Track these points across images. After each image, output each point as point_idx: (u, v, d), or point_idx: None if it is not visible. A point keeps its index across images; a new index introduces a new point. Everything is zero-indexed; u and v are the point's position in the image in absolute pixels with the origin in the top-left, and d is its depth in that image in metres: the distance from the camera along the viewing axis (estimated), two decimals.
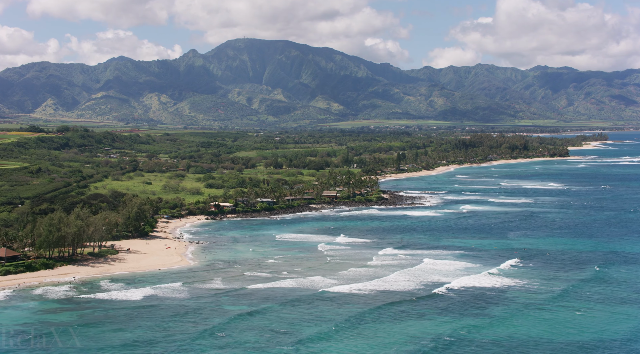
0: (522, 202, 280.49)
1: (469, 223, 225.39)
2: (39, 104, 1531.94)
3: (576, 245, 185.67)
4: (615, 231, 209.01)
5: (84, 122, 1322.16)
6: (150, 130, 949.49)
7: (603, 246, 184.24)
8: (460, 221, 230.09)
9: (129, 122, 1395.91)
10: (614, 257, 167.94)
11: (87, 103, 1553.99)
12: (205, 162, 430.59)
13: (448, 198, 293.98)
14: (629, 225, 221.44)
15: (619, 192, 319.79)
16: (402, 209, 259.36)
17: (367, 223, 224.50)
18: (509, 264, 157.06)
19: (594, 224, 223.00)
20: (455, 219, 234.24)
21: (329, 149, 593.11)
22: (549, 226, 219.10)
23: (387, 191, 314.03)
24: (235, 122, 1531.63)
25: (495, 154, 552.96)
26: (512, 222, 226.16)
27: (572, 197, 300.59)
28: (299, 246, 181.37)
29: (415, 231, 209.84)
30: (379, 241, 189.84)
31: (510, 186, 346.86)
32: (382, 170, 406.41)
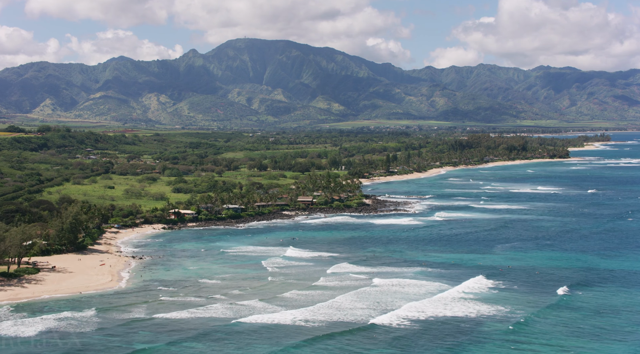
0: (515, 208, 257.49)
1: (452, 233, 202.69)
2: (37, 104, 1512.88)
3: (569, 261, 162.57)
4: (612, 244, 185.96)
5: (82, 122, 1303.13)
6: (145, 130, 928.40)
7: (598, 262, 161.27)
8: (444, 231, 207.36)
9: (127, 122, 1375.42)
10: (611, 276, 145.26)
11: (85, 103, 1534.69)
12: (186, 164, 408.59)
13: (435, 204, 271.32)
14: (628, 236, 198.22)
15: (618, 197, 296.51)
16: (381, 216, 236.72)
17: (338, 233, 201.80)
18: (490, 286, 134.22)
19: (590, 235, 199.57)
20: (438, 228, 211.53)
21: (320, 150, 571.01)
22: (539, 237, 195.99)
23: (370, 196, 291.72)
24: (234, 123, 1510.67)
25: (492, 155, 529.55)
26: (500, 233, 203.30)
27: (568, 202, 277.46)
28: (253, 262, 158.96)
29: (390, 242, 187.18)
30: (344, 255, 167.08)
31: (504, 190, 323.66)
32: (370, 172, 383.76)
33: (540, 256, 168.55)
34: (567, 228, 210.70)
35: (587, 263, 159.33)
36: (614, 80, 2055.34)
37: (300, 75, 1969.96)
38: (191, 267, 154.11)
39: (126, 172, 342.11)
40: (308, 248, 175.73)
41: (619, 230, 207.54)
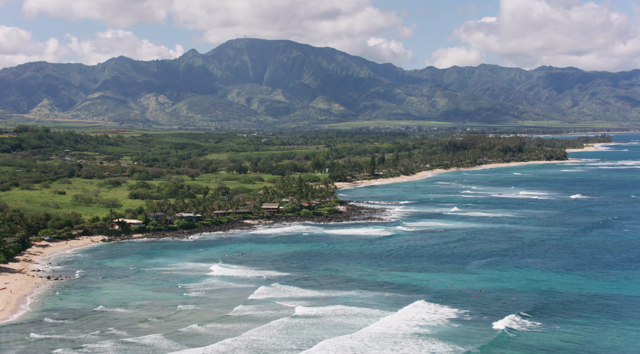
0: (501, 217, 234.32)
1: (427, 246, 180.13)
2: (34, 104, 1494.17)
3: (551, 283, 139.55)
4: (583, 260, 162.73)
5: (78, 122, 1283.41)
6: (138, 130, 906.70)
7: (590, 285, 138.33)
8: (418, 243, 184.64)
9: (124, 122, 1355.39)
10: (576, 302, 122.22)
11: (83, 103, 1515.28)
12: (161, 167, 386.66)
13: (413, 211, 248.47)
14: (604, 251, 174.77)
15: (605, 203, 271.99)
16: (350, 226, 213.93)
17: (295, 247, 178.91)
18: (455, 317, 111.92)
19: (579, 248, 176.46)
20: (412, 240, 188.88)
21: (309, 151, 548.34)
22: (522, 252, 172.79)
23: (346, 202, 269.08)
24: (232, 123, 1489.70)
25: (486, 157, 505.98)
26: (480, 246, 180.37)
27: (559, 209, 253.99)
28: (182, 283, 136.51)
29: (347, 258, 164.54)
30: (287, 274, 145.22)
31: (489, 196, 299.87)
32: (353, 176, 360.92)
33: (541, 277, 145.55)
34: (571, 241, 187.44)
35: (547, 284, 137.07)
36: (617, 80, 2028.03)
37: (300, 75, 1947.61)
38: (110, 291, 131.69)
39: (92, 176, 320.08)
40: (252, 266, 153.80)
41: (595, 243, 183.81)
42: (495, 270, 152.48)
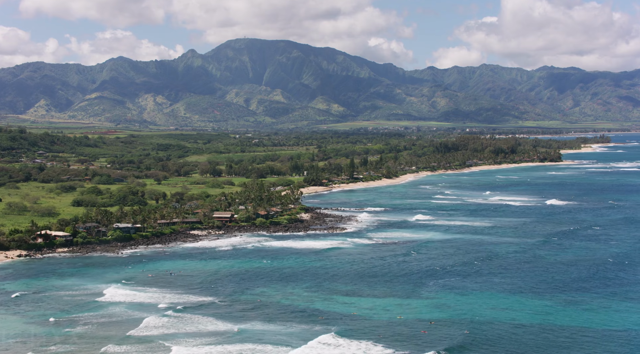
0: (473, 226, 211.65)
1: (384, 262, 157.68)
2: (31, 104, 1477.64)
3: (514, 312, 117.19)
4: (584, 280, 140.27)
5: (73, 123, 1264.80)
6: (129, 131, 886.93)
7: (559, 314, 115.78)
8: (374, 258, 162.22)
9: (120, 123, 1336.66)
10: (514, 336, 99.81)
11: (80, 104, 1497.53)
12: (131, 170, 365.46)
13: (384, 219, 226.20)
14: (602, 268, 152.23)
15: (585, 210, 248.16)
16: (309, 237, 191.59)
17: (235, 264, 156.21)
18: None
19: (552, 265, 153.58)
20: (369, 254, 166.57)
21: (294, 153, 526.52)
22: (488, 269, 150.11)
23: (312, 209, 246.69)
24: (230, 124, 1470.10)
25: (476, 158, 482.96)
26: (443, 261, 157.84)
27: (542, 217, 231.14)
28: (62, 311, 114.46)
29: (292, 278, 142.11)
30: (203, 298, 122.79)
31: (471, 201, 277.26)
32: (330, 179, 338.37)
33: (505, 303, 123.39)
34: (511, 253, 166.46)
35: (509, 315, 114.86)
36: (619, 80, 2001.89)
37: (300, 76, 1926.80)
38: None
39: (50, 180, 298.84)
40: (165, 288, 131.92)
41: (570, 260, 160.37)
42: (453, 293, 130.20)
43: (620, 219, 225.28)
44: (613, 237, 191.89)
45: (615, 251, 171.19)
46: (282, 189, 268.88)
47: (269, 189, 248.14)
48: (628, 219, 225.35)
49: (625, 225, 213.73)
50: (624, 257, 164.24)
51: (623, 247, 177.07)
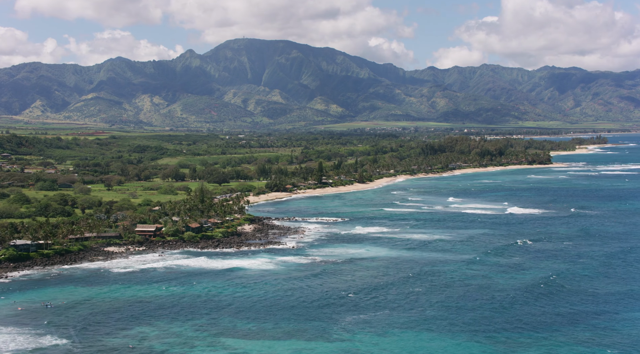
0: (429, 240, 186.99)
1: (306, 289, 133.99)
2: (27, 105, 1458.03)
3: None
4: (537, 315, 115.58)
5: (68, 124, 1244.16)
6: (117, 132, 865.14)
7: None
8: (297, 283, 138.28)
9: (115, 124, 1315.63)
10: None
11: (76, 105, 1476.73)
12: (88, 174, 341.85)
13: (335, 231, 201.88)
14: (560, 298, 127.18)
15: (560, 222, 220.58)
16: (239, 255, 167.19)
17: (125, 292, 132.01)
18: None
19: (503, 295, 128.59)
20: (295, 279, 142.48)
21: (273, 155, 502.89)
22: (427, 299, 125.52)
23: (259, 219, 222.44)
24: (227, 124, 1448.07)
25: (461, 161, 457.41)
26: (372, 288, 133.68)
27: (493, 228, 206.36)
28: None
29: (180, 313, 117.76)
30: (61, 343, 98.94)
31: (436, 209, 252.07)
32: (295, 184, 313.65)
33: (371, 344, 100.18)
34: (460, 277, 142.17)
35: None
36: (620, 80, 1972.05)
37: (299, 76, 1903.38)
38: None
39: None
40: (22, 327, 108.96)
41: (527, 285, 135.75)
42: (371, 334, 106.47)
43: (576, 232, 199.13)
44: (556, 254, 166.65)
45: (553, 274, 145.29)
46: (234, 196, 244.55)
47: (211, 197, 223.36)
48: (584, 232, 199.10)
49: (578, 239, 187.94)
50: (565, 280, 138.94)
51: (563, 267, 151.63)
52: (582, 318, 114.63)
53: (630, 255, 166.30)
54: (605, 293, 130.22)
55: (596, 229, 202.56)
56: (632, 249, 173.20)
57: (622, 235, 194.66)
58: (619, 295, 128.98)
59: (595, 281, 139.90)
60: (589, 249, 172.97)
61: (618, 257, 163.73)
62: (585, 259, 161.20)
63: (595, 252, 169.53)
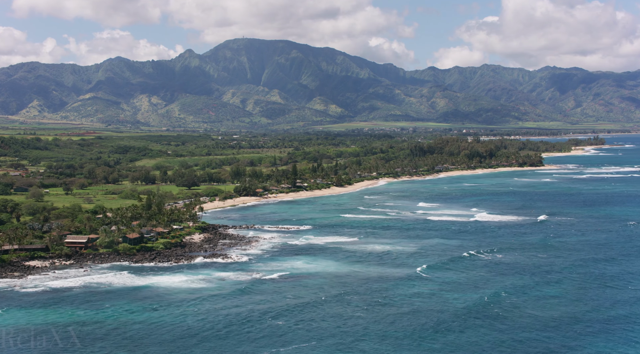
0: (389, 251, 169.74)
1: (228, 310, 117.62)
2: (24, 105, 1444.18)
3: None
4: None
5: (64, 124, 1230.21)
6: (109, 132, 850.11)
7: None
8: (221, 303, 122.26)
9: (111, 124, 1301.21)
10: None
11: (73, 105, 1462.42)
12: (50, 177, 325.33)
13: (291, 242, 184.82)
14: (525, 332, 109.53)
15: (522, 231, 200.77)
16: (174, 270, 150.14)
17: (23, 317, 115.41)
18: None
19: (462, 333, 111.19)
20: (220, 297, 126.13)
21: (256, 156, 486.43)
22: (365, 327, 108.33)
23: (215, 228, 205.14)
24: (225, 124, 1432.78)
25: (449, 163, 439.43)
26: (312, 310, 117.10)
27: (470, 237, 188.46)
28: None
29: (82, 344, 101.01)
30: None
31: (404, 215, 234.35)
32: (267, 188, 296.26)
33: None
34: (416, 308, 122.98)
35: None
36: (622, 81, 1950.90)
37: (299, 76, 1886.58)
38: None
39: None
40: None
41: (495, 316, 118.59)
42: None
43: (535, 243, 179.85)
44: (505, 270, 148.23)
45: (501, 291, 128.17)
46: (187, 202, 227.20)
47: (160, 203, 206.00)
48: (542, 243, 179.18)
49: (533, 251, 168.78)
50: (507, 303, 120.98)
51: (510, 283, 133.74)
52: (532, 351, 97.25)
53: (584, 269, 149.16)
54: (552, 318, 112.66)
55: (556, 241, 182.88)
56: (586, 262, 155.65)
57: (582, 246, 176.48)
58: (565, 320, 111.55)
59: (545, 302, 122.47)
60: (543, 262, 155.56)
61: (574, 272, 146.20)
62: (536, 275, 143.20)
63: (549, 265, 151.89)
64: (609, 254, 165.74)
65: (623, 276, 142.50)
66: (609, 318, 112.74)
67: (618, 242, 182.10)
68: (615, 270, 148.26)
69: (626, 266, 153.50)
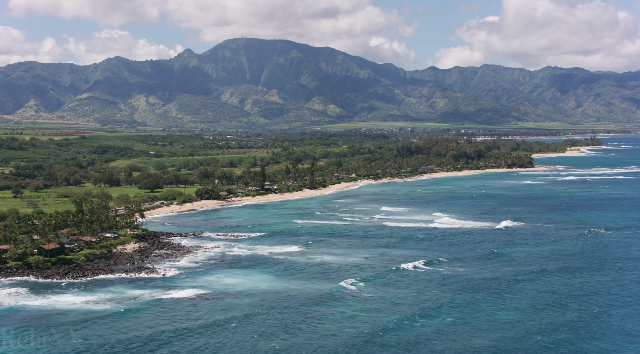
0: (339, 263, 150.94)
1: (110, 339, 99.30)
2: (21, 105, 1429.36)
3: None
4: None
5: (59, 124, 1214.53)
6: (99, 132, 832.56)
7: None
8: (92, 331, 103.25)
9: (107, 123, 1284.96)
10: None
11: (70, 104, 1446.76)
12: (13, 178, 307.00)
13: (234, 253, 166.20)
14: None
15: (504, 240, 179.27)
16: (78, 288, 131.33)
17: None
18: None
19: None
20: (99, 324, 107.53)
21: (236, 157, 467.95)
22: None
23: (156, 235, 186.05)
24: (222, 125, 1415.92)
25: (434, 164, 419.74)
26: (205, 340, 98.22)
27: (419, 246, 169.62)
28: None
29: None
30: None
31: (363, 220, 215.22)
32: (232, 191, 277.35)
33: None
34: (352, 333, 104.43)
35: None
36: (623, 81, 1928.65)
37: (298, 76, 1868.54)
38: None
39: None
40: None
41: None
42: None
43: (486, 254, 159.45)
44: (438, 287, 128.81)
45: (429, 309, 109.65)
46: (131, 207, 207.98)
47: (93, 209, 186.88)
48: (494, 254, 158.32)
49: (479, 263, 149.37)
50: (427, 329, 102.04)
51: (427, 309, 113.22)
52: None
53: (531, 284, 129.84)
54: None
55: (510, 251, 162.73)
56: (536, 276, 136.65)
57: (536, 257, 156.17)
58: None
59: (466, 329, 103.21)
60: (486, 275, 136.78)
61: (516, 288, 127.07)
62: (470, 291, 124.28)
63: (490, 280, 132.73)
64: (564, 266, 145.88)
65: (577, 295, 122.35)
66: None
67: (578, 252, 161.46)
68: (566, 288, 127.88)
69: (586, 278, 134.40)
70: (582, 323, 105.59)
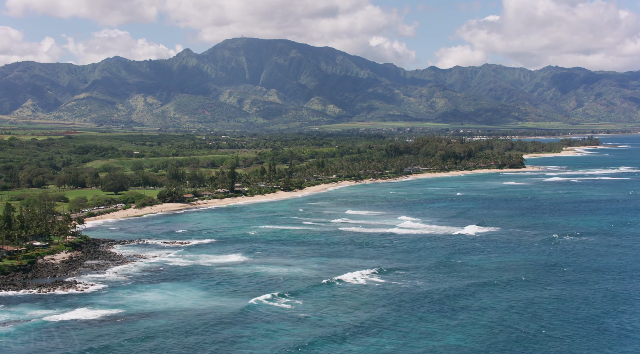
0: (274, 275, 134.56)
1: None
2: (18, 105, 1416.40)
3: None
4: None
5: (56, 124, 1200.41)
6: (91, 132, 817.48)
7: None
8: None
9: (104, 124, 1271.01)
10: None
11: (68, 104, 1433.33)
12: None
13: (173, 263, 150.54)
14: None
15: (462, 247, 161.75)
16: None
17: None
18: None
19: None
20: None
21: (219, 157, 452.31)
22: None
23: (94, 243, 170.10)
24: (221, 125, 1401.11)
25: (421, 164, 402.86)
26: None
27: (384, 256, 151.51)
28: None
29: None
30: None
31: (329, 227, 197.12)
32: (198, 193, 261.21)
33: None
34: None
35: None
36: (624, 81, 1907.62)
37: (298, 76, 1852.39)
38: None
39: None
40: None
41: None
42: None
43: (437, 262, 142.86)
44: (370, 303, 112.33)
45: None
46: (82, 211, 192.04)
47: (22, 215, 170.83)
48: (445, 264, 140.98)
49: (432, 272, 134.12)
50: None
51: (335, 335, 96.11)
52: None
53: (475, 300, 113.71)
54: None
55: (464, 260, 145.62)
56: (482, 289, 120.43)
57: (490, 268, 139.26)
58: None
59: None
60: (425, 289, 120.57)
61: (457, 305, 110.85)
62: (400, 310, 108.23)
63: (425, 296, 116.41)
64: (520, 277, 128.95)
65: (523, 314, 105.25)
66: None
67: (540, 264, 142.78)
68: (521, 303, 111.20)
69: (536, 292, 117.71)
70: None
